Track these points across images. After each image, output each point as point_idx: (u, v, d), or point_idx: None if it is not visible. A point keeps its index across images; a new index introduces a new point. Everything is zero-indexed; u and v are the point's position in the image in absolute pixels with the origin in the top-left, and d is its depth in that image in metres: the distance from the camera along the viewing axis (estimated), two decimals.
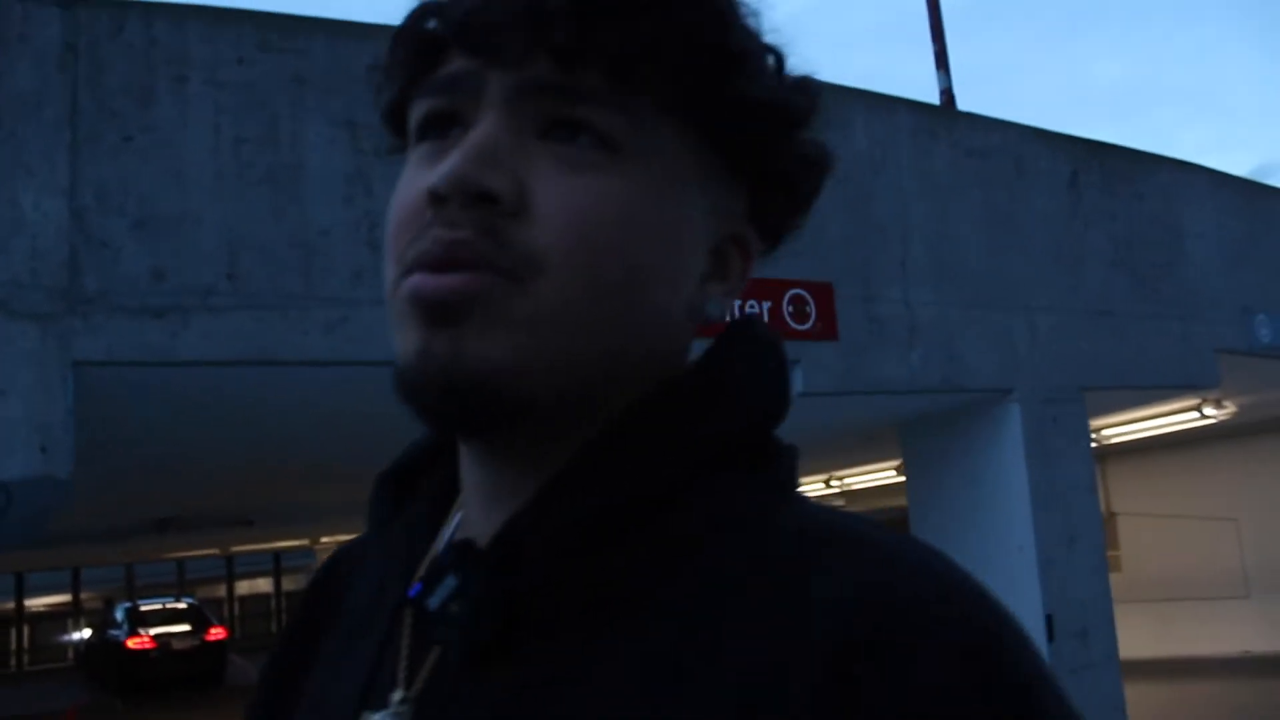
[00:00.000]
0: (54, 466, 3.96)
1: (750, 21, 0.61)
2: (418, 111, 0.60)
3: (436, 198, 0.54)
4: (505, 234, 0.54)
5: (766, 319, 5.49)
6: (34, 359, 3.90)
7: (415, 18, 0.61)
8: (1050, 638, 6.41)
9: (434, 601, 0.56)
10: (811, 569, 0.51)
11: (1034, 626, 6.42)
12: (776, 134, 0.62)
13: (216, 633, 19.81)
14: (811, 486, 18.16)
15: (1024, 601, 6.44)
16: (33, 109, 3.70)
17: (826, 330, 5.68)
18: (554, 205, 0.54)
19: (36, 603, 26.49)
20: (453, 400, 0.54)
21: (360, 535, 0.73)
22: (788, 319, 5.55)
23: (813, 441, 9.62)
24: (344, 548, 0.76)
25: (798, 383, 5.56)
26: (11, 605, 25.68)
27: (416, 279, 0.54)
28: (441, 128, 0.59)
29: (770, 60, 0.62)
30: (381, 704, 0.58)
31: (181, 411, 5.34)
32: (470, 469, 0.63)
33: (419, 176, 0.57)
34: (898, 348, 5.90)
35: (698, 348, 0.65)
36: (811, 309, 5.62)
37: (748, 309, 5.43)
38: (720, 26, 0.58)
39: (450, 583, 0.56)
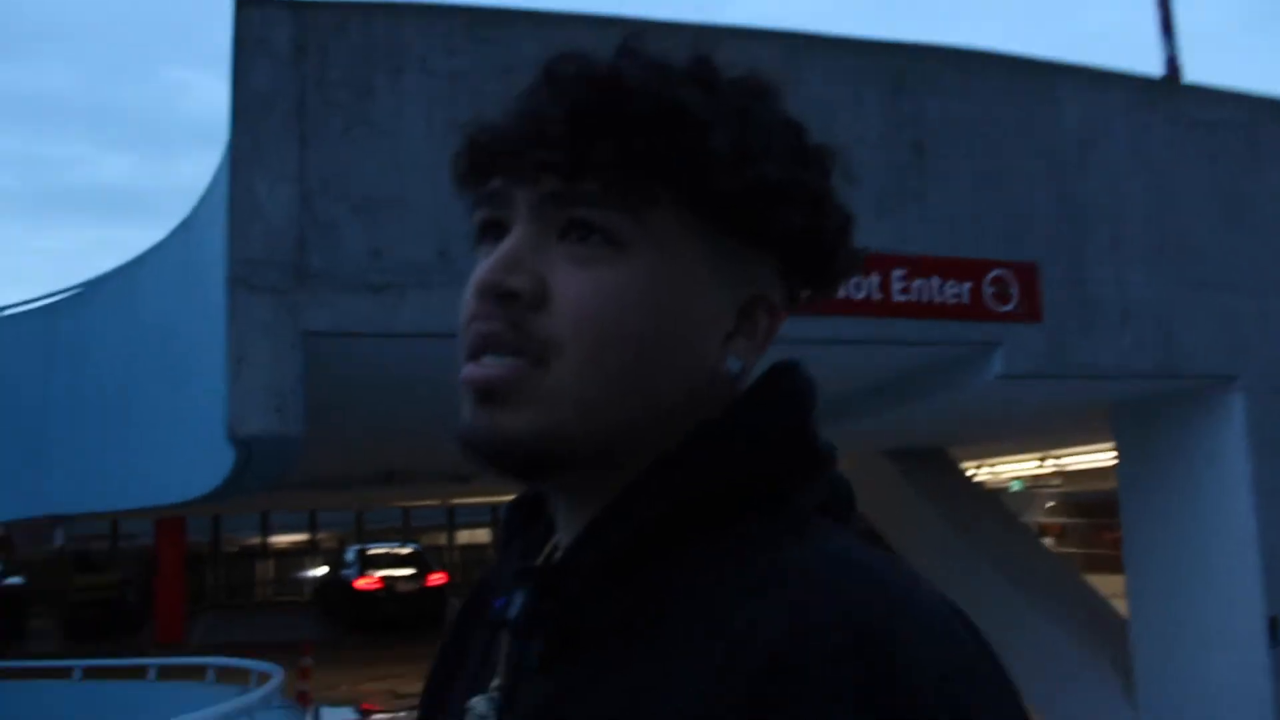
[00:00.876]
0: (287, 426, 4.36)
1: (756, 109, 0.70)
2: (475, 219, 0.73)
3: (475, 296, 0.68)
4: (527, 324, 0.66)
5: (966, 300, 5.38)
6: (269, 330, 4.30)
7: (466, 145, 0.73)
8: (1274, 643, 6.05)
9: (511, 613, 0.69)
10: (760, 608, 0.60)
11: (1254, 629, 6.06)
12: (773, 212, 0.69)
13: (437, 578, 21.00)
14: (1025, 465, 17.56)
15: (1244, 602, 6.09)
16: (267, 105, 4.05)
17: (1030, 311, 5.51)
18: (568, 297, 0.66)
19: (279, 540, 28.83)
20: (495, 460, 0.68)
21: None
22: (988, 300, 5.42)
23: (1020, 421, 9.32)
24: (489, 572, 0.90)
25: (996, 365, 5.44)
26: (258, 540, 28.11)
27: (466, 368, 0.69)
28: (494, 231, 0.72)
29: (779, 140, 0.70)
30: (485, 690, 0.73)
31: (399, 378, 5.72)
32: (555, 504, 0.76)
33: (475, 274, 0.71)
34: (1108, 330, 5.66)
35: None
36: (1014, 290, 5.46)
37: (947, 289, 5.34)
38: (697, 132, 0.67)
39: (519, 600, 0.69)
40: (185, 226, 8.36)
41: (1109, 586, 9.28)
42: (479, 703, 0.72)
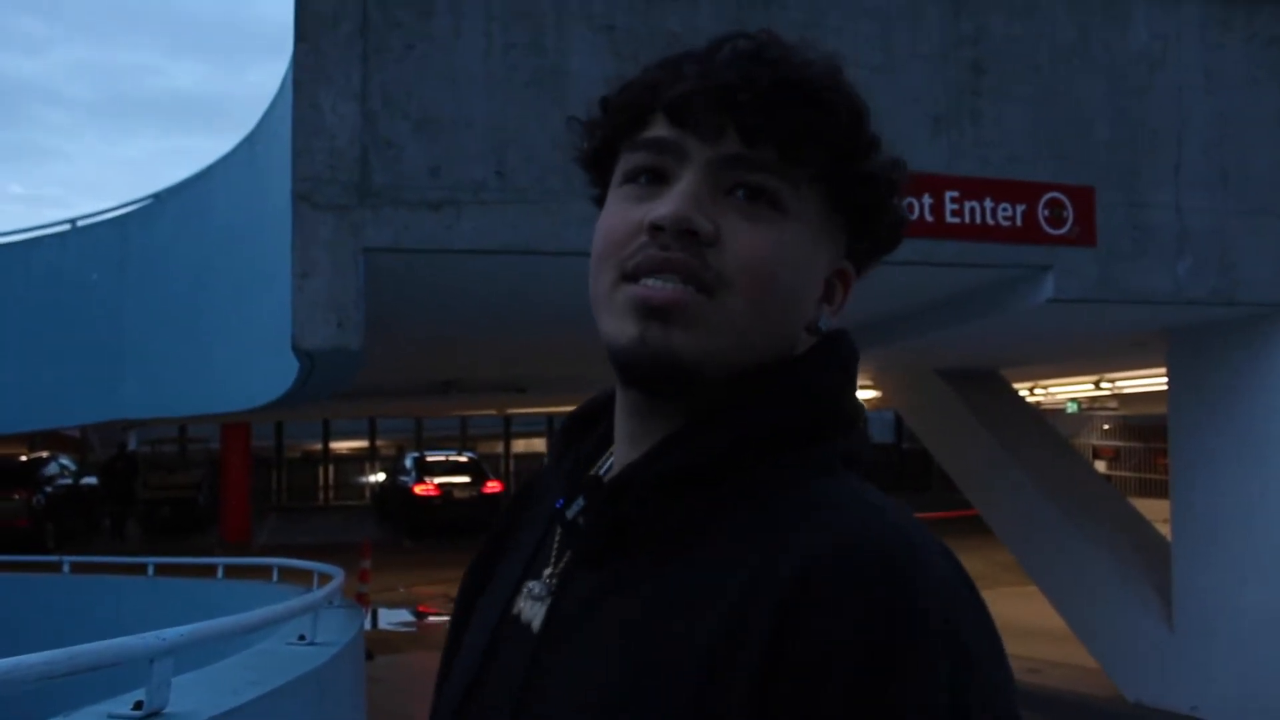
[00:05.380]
0: (348, 339, 4.52)
1: (865, 114, 0.81)
2: (628, 162, 0.82)
3: (656, 228, 0.76)
4: (704, 257, 0.76)
5: (1019, 223, 5.37)
6: (331, 246, 4.43)
7: (624, 91, 0.82)
8: None
9: (569, 513, 0.81)
10: (794, 530, 0.71)
11: None
12: (882, 201, 0.83)
13: (493, 486, 21.44)
14: (1080, 387, 17.43)
15: None
16: (331, 24, 4.13)
17: (1084, 236, 5.49)
18: (740, 244, 0.77)
19: (340, 446, 29.53)
20: (657, 373, 0.77)
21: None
22: (1042, 223, 5.40)
23: (1073, 344, 9.27)
24: (539, 472, 1.01)
25: (1047, 289, 5.44)
26: (319, 446, 28.83)
27: (640, 289, 0.77)
28: (646, 177, 0.80)
29: (876, 143, 0.83)
30: (538, 576, 0.84)
31: (456, 293, 5.86)
32: (621, 422, 0.85)
33: (631, 210, 0.79)
34: (1163, 256, 5.63)
35: None
36: (1069, 213, 5.44)
37: (1000, 211, 5.33)
38: (858, 120, 0.80)
39: (579, 502, 0.81)
40: (250, 140, 8.50)
41: (1161, 511, 9.28)
42: (535, 586, 0.84)
